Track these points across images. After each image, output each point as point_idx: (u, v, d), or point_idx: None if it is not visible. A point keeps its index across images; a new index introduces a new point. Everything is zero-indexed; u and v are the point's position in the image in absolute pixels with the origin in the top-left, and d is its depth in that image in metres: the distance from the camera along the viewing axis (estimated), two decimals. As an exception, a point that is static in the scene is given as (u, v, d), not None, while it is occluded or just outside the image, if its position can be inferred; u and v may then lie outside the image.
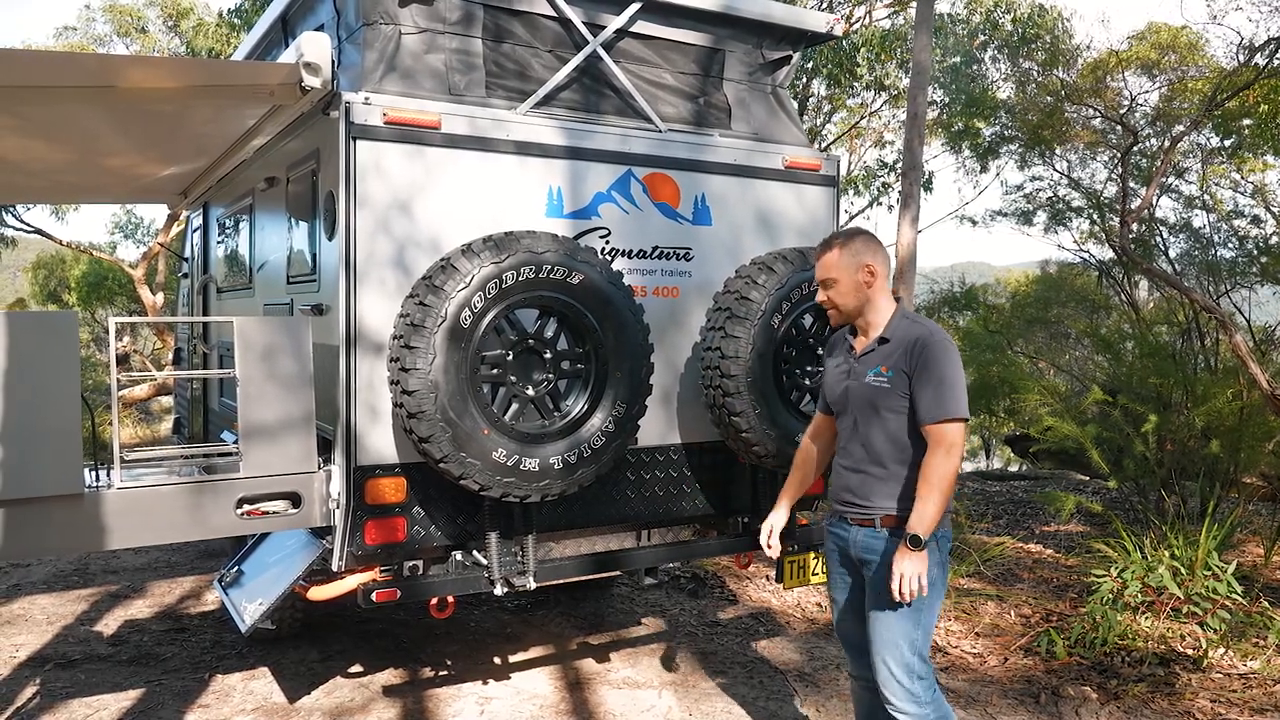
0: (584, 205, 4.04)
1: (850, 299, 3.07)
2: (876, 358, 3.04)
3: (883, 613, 3.01)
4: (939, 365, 2.92)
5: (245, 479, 3.59)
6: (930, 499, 2.88)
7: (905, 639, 3.00)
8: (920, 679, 3.01)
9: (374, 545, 3.65)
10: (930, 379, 2.91)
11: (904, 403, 2.97)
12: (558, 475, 3.52)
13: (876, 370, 3.02)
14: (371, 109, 3.57)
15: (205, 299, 6.57)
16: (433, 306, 3.28)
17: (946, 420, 2.89)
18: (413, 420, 3.29)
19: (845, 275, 3.05)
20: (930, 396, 2.90)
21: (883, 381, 3.00)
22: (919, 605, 2.99)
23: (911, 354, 2.95)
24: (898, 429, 3.00)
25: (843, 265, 3.05)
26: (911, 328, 3.03)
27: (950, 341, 3.00)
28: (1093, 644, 5.10)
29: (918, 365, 2.93)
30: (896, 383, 2.97)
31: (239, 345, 3.55)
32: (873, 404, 3.03)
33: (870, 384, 3.03)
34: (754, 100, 4.65)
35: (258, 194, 4.95)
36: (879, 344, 3.06)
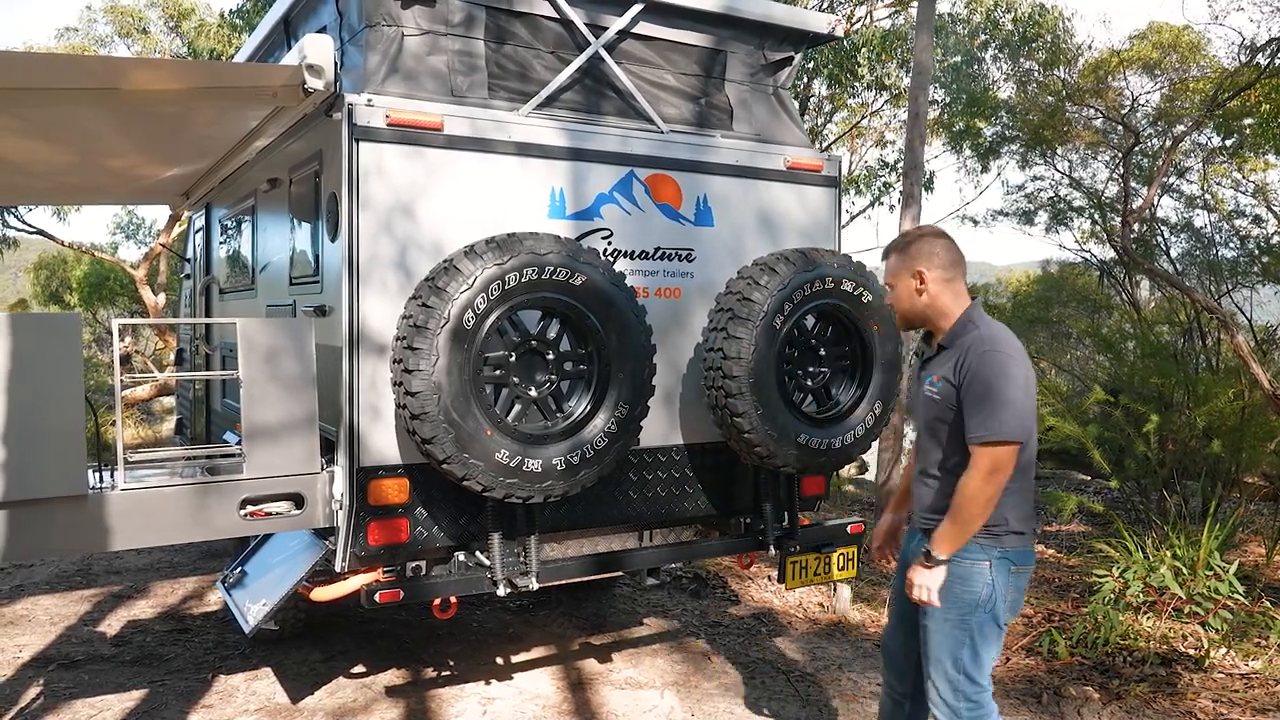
0: (586, 206, 4.04)
1: (905, 304, 2.97)
2: (934, 366, 2.93)
3: (931, 625, 2.90)
4: (988, 380, 2.72)
5: (248, 480, 3.60)
6: (955, 518, 2.75)
7: (949, 655, 2.87)
8: (967, 699, 2.86)
9: (377, 546, 3.66)
10: (976, 394, 2.72)
11: (952, 415, 2.82)
12: (560, 476, 3.52)
13: (930, 379, 2.91)
14: (374, 111, 3.57)
15: (208, 300, 6.58)
16: (435, 308, 3.28)
17: (990, 443, 2.70)
18: (415, 421, 3.29)
19: (899, 281, 2.96)
20: (975, 414, 2.72)
21: (934, 393, 2.87)
22: (969, 623, 2.84)
23: (961, 366, 2.78)
24: (948, 442, 2.86)
25: (897, 270, 2.96)
26: (969, 335, 2.84)
27: (1011, 352, 2.78)
28: (1094, 644, 5.10)
29: (967, 378, 2.75)
30: (945, 394, 2.83)
31: (242, 346, 3.56)
32: (926, 415, 2.94)
33: (926, 394, 2.92)
34: (756, 101, 4.66)
35: (260, 195, 4.95)
36: (939, 352, 2.93)
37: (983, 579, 2.82)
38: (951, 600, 2.84)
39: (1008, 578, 2.85)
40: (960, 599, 2.83)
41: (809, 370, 4.18)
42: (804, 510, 4.74)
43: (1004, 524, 2.83)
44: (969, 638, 2.85)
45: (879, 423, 4.23)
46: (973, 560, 2.83)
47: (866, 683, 4.78)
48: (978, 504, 2.71)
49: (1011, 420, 2.70)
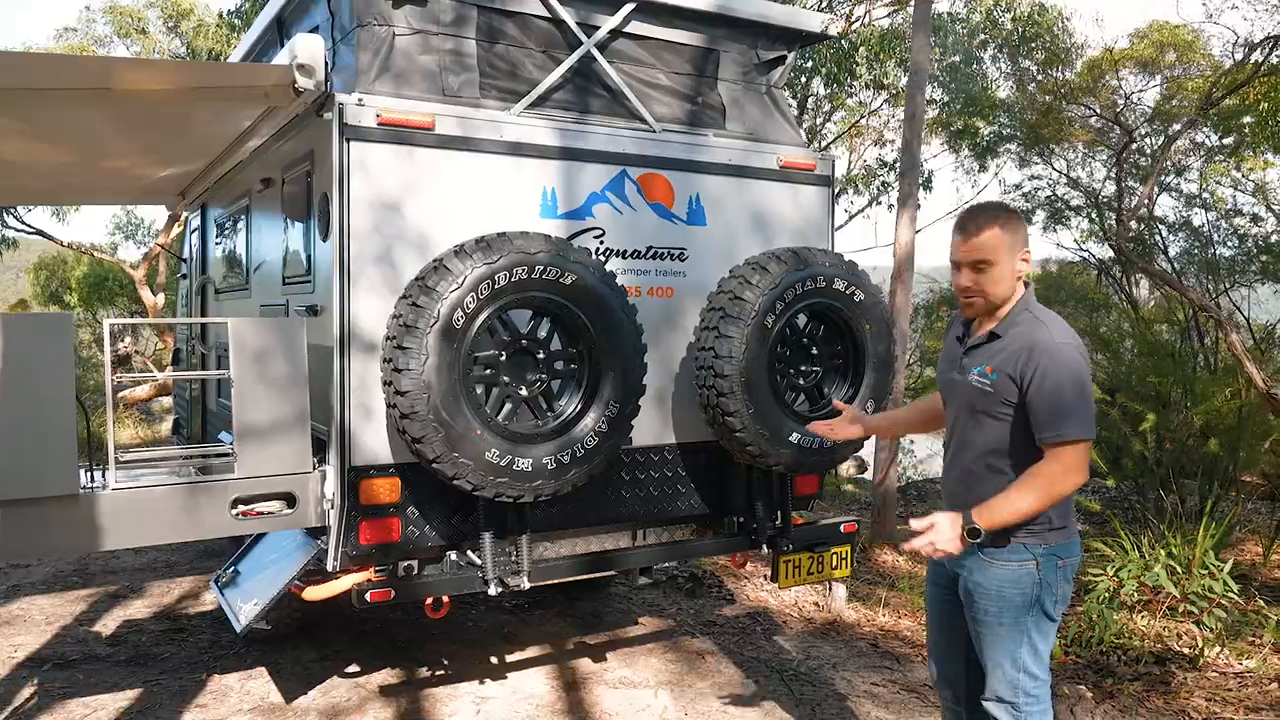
0: (578, 206, 4.04)
1: (1003, 287, 2.69)
2: (983, 355, 2.72)
3: (985, 630, 2.78)
4: (1055, 375, 2.56)
5: (240, 479, 3.60)
6: (1016, 501, 2.58)
7: (1008, 656, 2.76)
8: (1026, 694, 2.76)
9: (369, 545, 3.66)
10: (1046, 393, 2.56)
11: (1007, 411, 2.65)
12: (550, 475, 3.52)
13: (981, 369, 2.70)
14: (365, 110, 3.58)
15: (203, 300, 6.59)
16: (425, 307, 3.29)
17: (1071, 442, 2.56)
18: (405, 421, 3.30)
19: (1005, 259, 2.65)
20: (1047, 413, 2.56)
21: (985, 384, 2.68)
22: (1024, 623, 2.74)
23: (1025, 360, 2.60)
24: (997, 438, 2.69)
25: (1004, 247, 2.65)
26: (1030, 328, 2.66)
27: (1075, 347, 2.64)
28: (1089, 643, 5.10)
29: (1033, 377, 2.58)
30: (1001, 388, 2.64)
31: (233, 346, 3.56)
32: (972, 405, 2.74)
33: (974, 383, 2.72)
34: (749, 100, 4.66)
35: (254, 195, 4.96)
36: (989, 339, 2.73)
37: (1031, 579, 2.72)
38: (1004, 604, 2.75)
39: (1055, 572, 2.75)
40: (1012, 601, 2.74)
41: (801, 369, 4.18)
42: (798, 509, 4.74)
43: (1046, 521, 2.71)
44: (1025, 637, 2.76)
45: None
46: (1019, 561, 2.72)
47: (860, 681, 4.78)
48: (1054, 497, 2.59)
49: (1087, 417, 2.59)
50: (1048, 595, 2.75)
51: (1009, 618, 2.74)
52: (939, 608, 3.03)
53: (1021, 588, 2.72)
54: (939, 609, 3.03)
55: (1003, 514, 2.60)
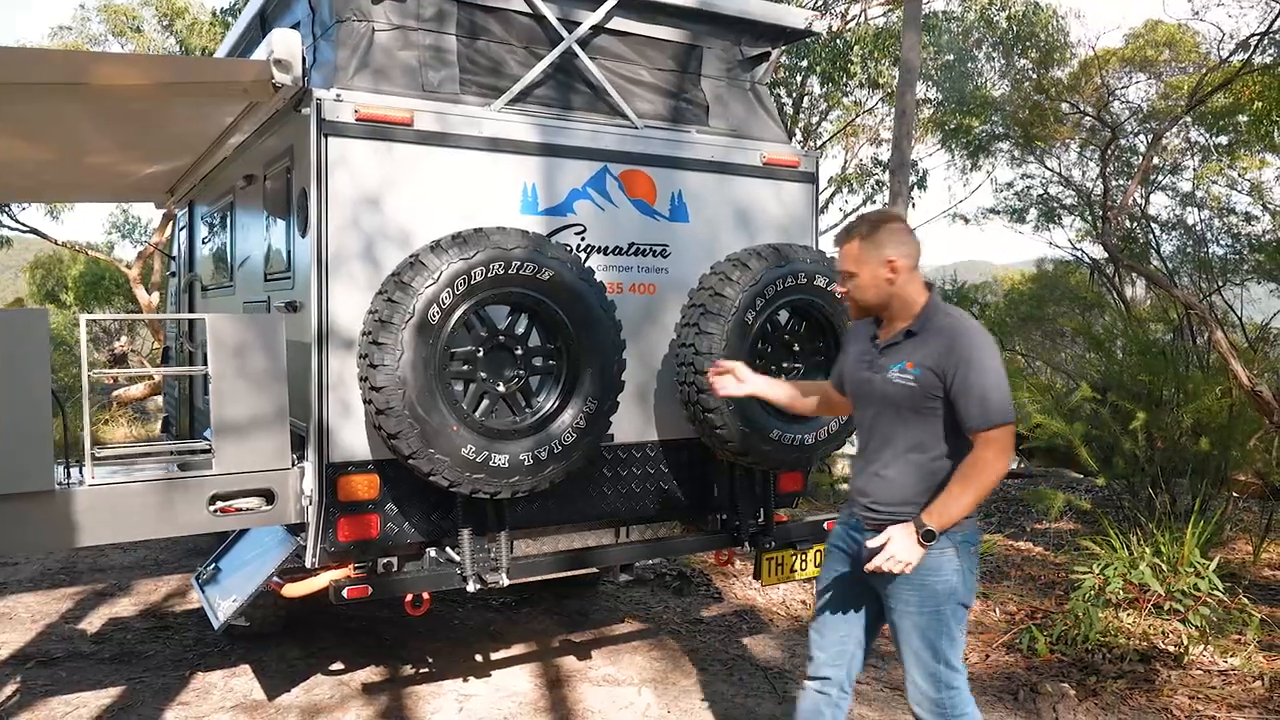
0: (559, 202, 4.04)
1: (870, 294, 2.81)
2: (901, 352, 2.79)
3: (906, 622, 2.83)
4: (977, 364, 2.65)
5: (218, 476, 3.59)
6: (961, 496, 2.66)
7: (930, 648, 2.82)
8: (948, 688, 2.83)
9: (347, 542, 3.65)
10: (971, 383, 2.65)
11: (933, 405, 2.72)
12: (527, 472, 3.52)
13: (901, 366, 2.76)
14: (343, 105, 3.57)
15: (191, 297, 6.58)
16: (401, 303, 3.28)
17: (1000, 425, 2.64)
18: (381, 416, 3.29)
19: (865, 269, 2.78)
20: (974, 403, 2.64)
21: (908, 380, 2.74)
22: (941, 611, 2.80)
23: (945, 353, 2.69)
24: (923, 432, 2.76)
25: (863, 258, 2.78)
26: (944, 323, 2.76)
27: (987, 336, 2.75)
28: (1074, 640, 5.09)
29: (955, 368, 2.67)
30: (925, 382, 2.71)
31: (211, 342, 3.56)
32: (895, 403, 2.78)
33: (894, 380, 2.77)
34: (732, 97, 4.65)
35: (237, 192, 4.95)
36: (905, 337, 2.80)
37: (951, 565, 2.78)
38: (925, 593, 2.79)
39: (970, 559, 2.84)
40: (934, 590, 2.79)
41: (782, 365, 4.18)
42: (782, 507, 4.73)
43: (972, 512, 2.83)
44: (945, 626, 2.81)
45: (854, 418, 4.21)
46: (939, 550, 2.76)
47: (844, 679, 4.77)
48: (990, 485, 2.68)
49: (1008, 400, 2.68)
50: (965, 583, 2.81)
51: (931, 606, 2.79)
52: (845, 584, 3.01)
53: (943, 576, 2.77)
54: (844, 584, 3.01)
55: (951, 512, 2.67)
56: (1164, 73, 12.78)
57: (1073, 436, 7.60)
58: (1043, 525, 9.05)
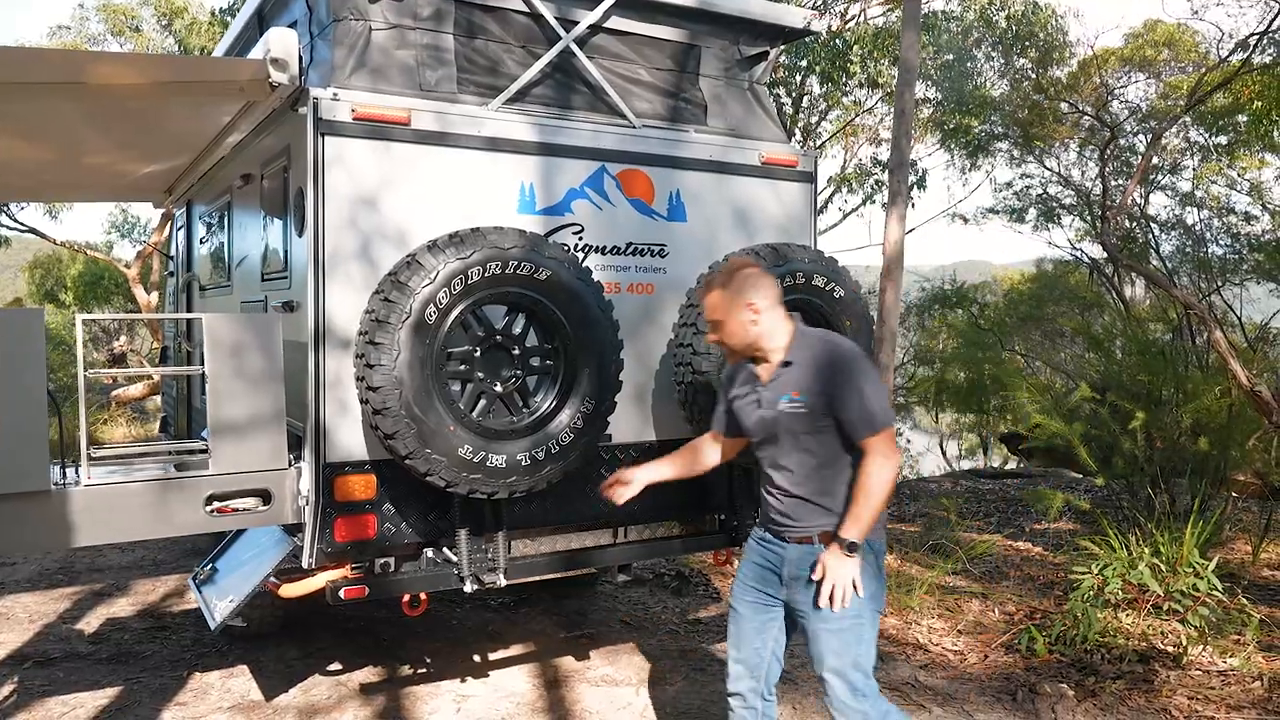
0: (557, 201, 4.03)
1: (738, 338, 2.98)
2: (785, 384, 2.96)
3: (826, 629, 2.93)
4: (854, 378, 2.86)
5: (214, 476, 3.58)
6: (867, 505, 2.83)
7: (850, 657, 2.93)
8: (864, 696, 2.94)
9: (344, 542, 3.64)
10: (851, 395, 2.84)
11: (825, 423, 2.89)
12: (525, 472, 3.51)
13: (788, 397, 2.94)
14: (339, 104, 3.56)
15: (189, 297, 6.57)
16: (397, 302, 3.27)
17: (884, 430, 2.84)
18: (378, 416, 3.28)
19: (730, 316, 2.96)
20: (857, 413, 2.84)
21: (798, 407, 2.92)
22: (861, 619, 2.93)
23: (822, 373, 2.89)
24: (822, 450, 2.92)
25: (725, 306, 2.96)
26: (814, 346, 2.97)
27: (856, 349, 2.98)
28: (1073, 641, 5.08)
29: (834, 386, 2.86)
30: (813, 405, 2.89)
31: (208, 342, 3.55)
32: (792, 430, 2.94)
33: (785, 411, 2.94)
34: (730, 96, 4.64)
35: (235, 191, 4.94)
36: (783, 368, 2.98)
37: (869, 572, 2.94)
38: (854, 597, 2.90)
39: (880, 566, 3.03)
40: (854, 598, 2.90)
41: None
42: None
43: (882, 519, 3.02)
44: (864, 633, 2.95)
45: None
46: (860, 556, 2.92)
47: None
48: (888, 488, 2.86)
49: (887, 405, 2.90)
50: (880, 589, 3.00)
51: (852, 612, 2.89)
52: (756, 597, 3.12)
53: (864, 583, 2.90)
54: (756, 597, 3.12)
55: (864, 521, 2.84)
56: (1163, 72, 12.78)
57: (1072, 436, 7.59)
58: (1042, 525, 9.04)
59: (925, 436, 21.62)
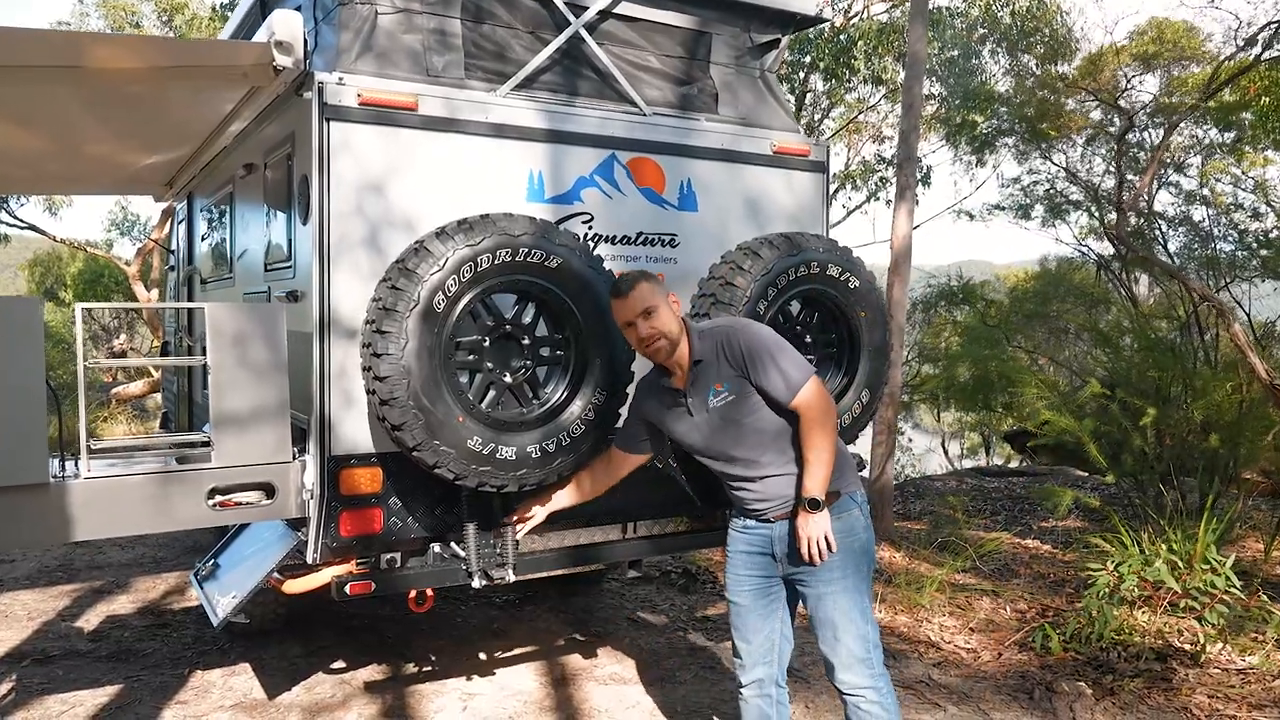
0: (566, 190, 3.95)
1: (672, 324, 3.02)
2: (705, 381, 3.02)
3: (831, 590, 3.02)
4: (760, 346, 2.95)
5: (217, 469, 3.50)
6: (818, 461, 2.91)
7: (858, 609, 3.03)
8: (875, 647, 3.05)
9: (349, 537, 3.56)
10: (763, 363, 2.93)
11: (755, 399, 2.97)
12: (535, 464, 3.42)
13: (713, 392, 3.01)
14: (345, 89, 3.48)
15: (190, 291, 6.50)
16: (405, 290, 3.19)
17: (808, 382, 2.93)
18: (384, 407, 3.20)
19: (660, 301, 3.02)
20: (776, 377, 2.92)
21: (726, 396, 2.99)
22: (864, 570, 3.06)
23: (731, 354, 2.97)
24: (767, 424, 2.99)
25: (655, 293, 3.02)
26: (710, 334, 3.04)
27: (744, 323, 3.09)
28: (1088, 639, 5.01)
29: (744, 359, 2.95)
30: (738, 388, 2.97)
31: (210, 332, 3.47)
32: (732, 420, 3.00)
33: (717, 407, 3.01)
34: (741, 84, 4.56)
35: (237, 181, 4.86)
36: (696, 368, 3.03)
37: (860, 524, 3.07)
38: (848, 556, 3.02)
39: (867, 516, 3.14)
40: (853, 550, 3.04)
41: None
42: (792, 502, 4.62)
43: (855, 463, 3.30)
44: (867, 584, 3.08)
45: (866, 411, 4.12)
46: (846, 511, 3.04)
47: (855, 678, 4.68)
48: (832, 437, 2.94)
49: (799, 358, 2.99)
50: (871, 539, 3.11)
51: (851, 567, 3.03)
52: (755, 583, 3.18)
53: (856, 534, 3.05)
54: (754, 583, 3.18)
55: (820, 475, 2.92)
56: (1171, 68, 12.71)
57: (1082, 433, 7.52)
58: (1049, 523, 8.97)
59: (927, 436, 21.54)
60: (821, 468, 2.92)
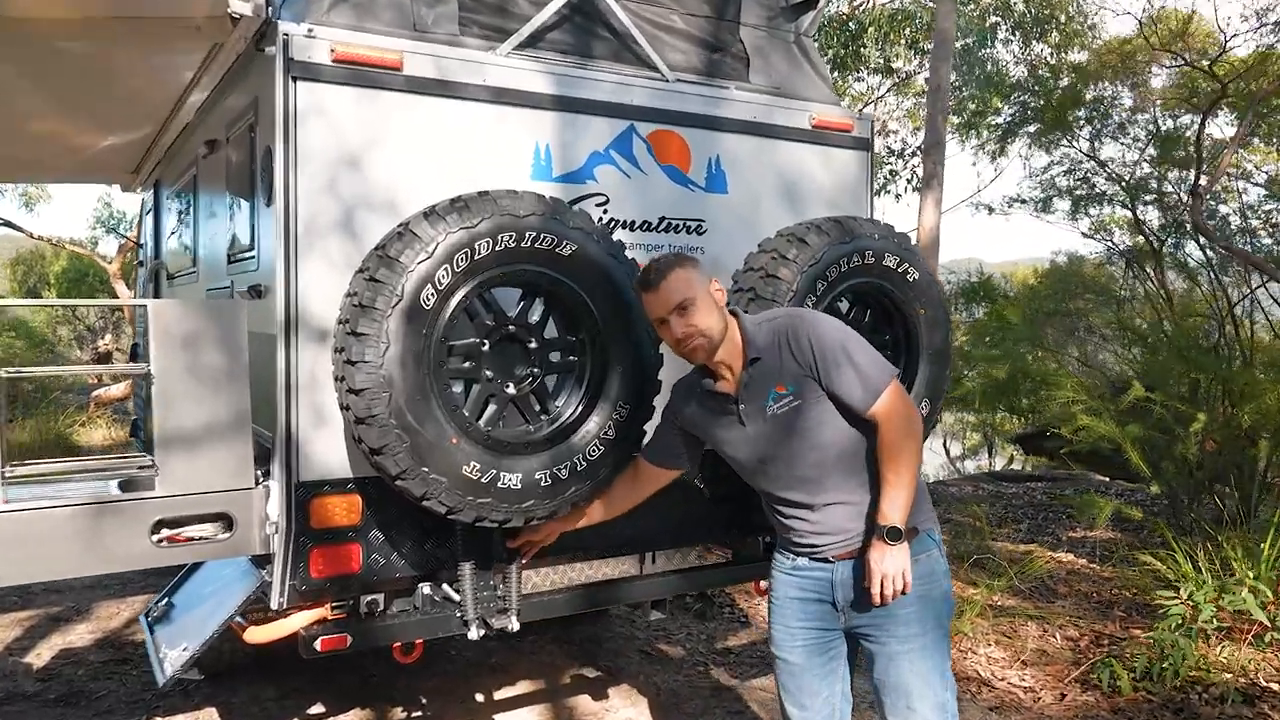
0: (577, 167, 3.38)
1: (714, 319, 2.54)
2: (763, 383, 2.53)
3: (908, 648, 2.52)
4: (832, 340, 2.48)
5: (163, 498, 2.92)
6: (902, 482, 2.42)
7: (938, 671, 2.55)
8: (953, 717, 2.57)
9: (322, 578, 2.98)
10: (836, 360, 2.45)
11: (824, 405, 2.49)
12: (544, 494, 2.84)
13: (773, 395, 2.52)
14: (316, 43, 2.90)
15: (157, 286, 5.91)
16: (386, 283, 2.61)
17: (889, 385, 2.45)
18: (361, 427, 2.62)
19: (700, 291, 2.53)
20: (852, 378, 2.44)
21: (789, 401, 2.50)
22: (945, 624, 2.59)
23: (798, 349, 2.48)
24: (837, 438, 2.51)
25: (694, 281, 2.53)
26: (772, 325, 2.56)
27: (812, 313, 2.66)
28: (1162, 676, 4.46)
29: (813, 356, 2.47)
30: (805, 391, 2.49)
31: (154, 333, 2.89)
32: (794, 431, 2.51)
33: (778, 412, 2.52)
34: (775, 49, 3.99)
35: (200, 162, 4.28)
36: (752, 367, 2.55)
37: (941, 568, 2.61)
38: (927, 607, 2.53)
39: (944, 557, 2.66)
40: (933, 599, 2.56)
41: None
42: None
43: (930, 497, 2.66)
44: (946, 642, 2.61)
45: (927, 423, 3.56)
46: (926, 552, 2.56)
47: None
48: (918, 455, 2.47)
49: (879, 355, 2.52)
50: (950, 588, 2.64)
51: (931, 622, 2.55)
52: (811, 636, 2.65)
53: (936, 580, 2.58)
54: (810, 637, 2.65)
55: (902, 501, 2.42)
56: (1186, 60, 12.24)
57: (1123, 439, 6.99)
58: (1078, 534, 8.44)
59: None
60: (903, 491, 2.42)
